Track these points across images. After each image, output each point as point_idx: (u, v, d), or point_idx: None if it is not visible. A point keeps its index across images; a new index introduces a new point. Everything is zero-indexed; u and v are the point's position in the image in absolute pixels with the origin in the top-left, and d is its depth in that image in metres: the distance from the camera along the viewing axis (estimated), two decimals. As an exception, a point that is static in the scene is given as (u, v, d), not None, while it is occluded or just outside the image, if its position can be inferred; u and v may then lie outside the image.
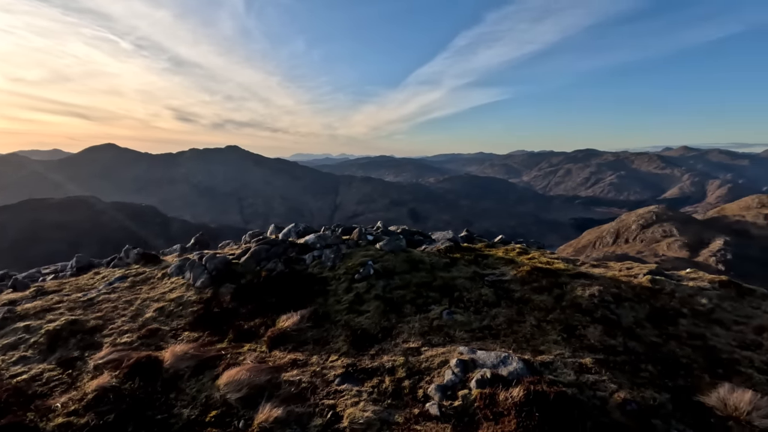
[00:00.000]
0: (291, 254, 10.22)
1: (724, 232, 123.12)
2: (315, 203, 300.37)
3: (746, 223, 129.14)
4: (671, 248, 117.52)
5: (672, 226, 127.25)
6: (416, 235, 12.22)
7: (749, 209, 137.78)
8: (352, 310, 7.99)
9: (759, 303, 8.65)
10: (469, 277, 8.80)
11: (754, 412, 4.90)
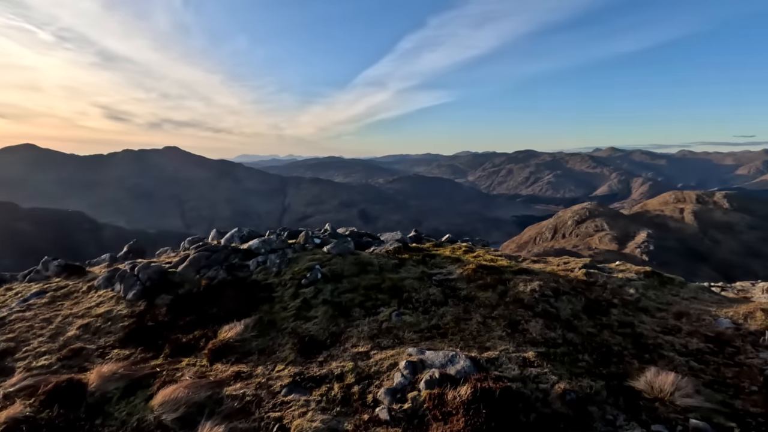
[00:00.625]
0: (234, 261, 9.73)
1: (647, 225, 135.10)
2: (263, 206, 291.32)
3: (665, 216, 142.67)
4: (603, 242, 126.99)
5: (603, 221, 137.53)
6: (365, 237, 12.15)
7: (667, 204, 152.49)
8: (299, 317, 7.75)
9: (677, 290, 9.50)
10: (418, 278, 8.87)
11: (676, 392, 5.31)
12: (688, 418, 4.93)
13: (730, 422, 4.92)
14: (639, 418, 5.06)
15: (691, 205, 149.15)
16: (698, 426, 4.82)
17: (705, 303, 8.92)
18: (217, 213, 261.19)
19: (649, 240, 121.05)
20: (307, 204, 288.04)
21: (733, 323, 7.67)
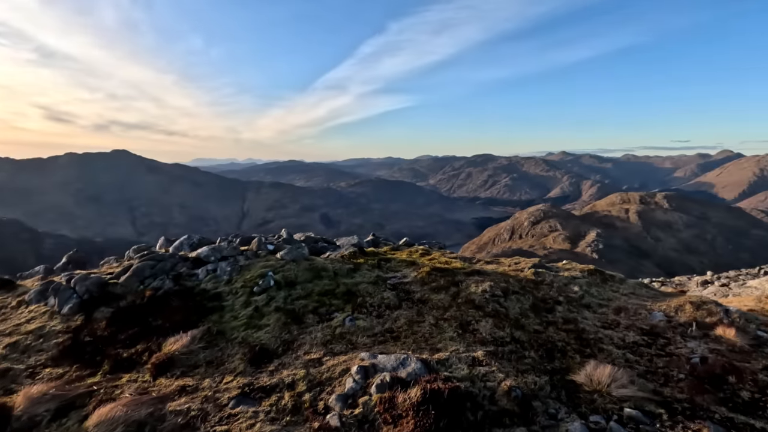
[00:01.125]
0: (181, 269, 9.32)
1: (596, 225, 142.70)
2: (220, 211, 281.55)
3: (612, 217, 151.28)
4: (556, 241, 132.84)
5: (556, 222, 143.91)
6: (320, 242, 12.03)
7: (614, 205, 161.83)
8: (250, 326, 7.54)
9: (617, 287, 10.08)
10: (372, 282, 8.88)
11: (612, 384, 5.62)
12: (623, 408, 5.23)
13: (659, 409, 5.26)
14: (579, 410, 5.31)
15: (635, 206, 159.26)
16: (631, 414, 5.12)
17: (642, 298, 9.53)
18: (171, 219, 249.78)
19: (598, 239, 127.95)
20: (268, 209, 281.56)
21: (666, 316, 8.23)
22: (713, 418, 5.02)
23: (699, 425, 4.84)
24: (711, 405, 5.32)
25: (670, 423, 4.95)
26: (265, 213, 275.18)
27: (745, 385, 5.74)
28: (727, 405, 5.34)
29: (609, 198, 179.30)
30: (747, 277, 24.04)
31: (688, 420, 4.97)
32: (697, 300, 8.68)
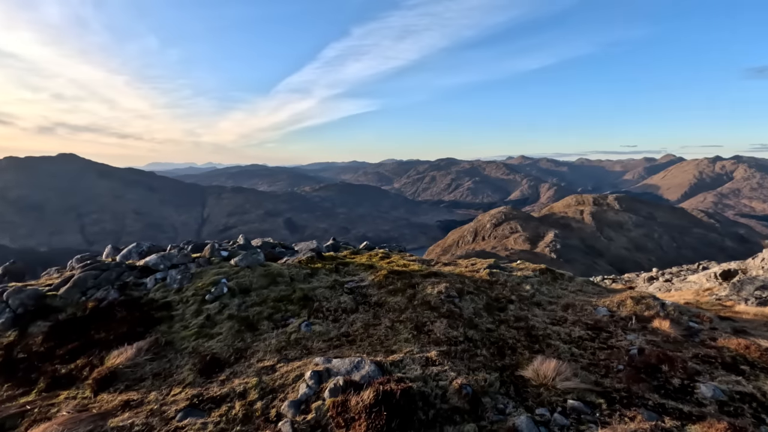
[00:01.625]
0: (128, 279, 8.89)
1: (554, 226, 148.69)
2: (178, 217, 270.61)
3: (568, 218, 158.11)
4: (517, 242, 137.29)
5: (517, 224, 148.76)
6: (278, 248, 11.83)
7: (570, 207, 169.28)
8: (201, 335, 7.30)
9: (566, 285, 10.54)
10: (329, 286, 8.84)
11: (557, 377, 5.87)
12: (567, 399, 5.48)
13: (599, 399, 5.55)
14: (526, 404, 5.51)
15: (589, 207, 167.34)
16: (574, 405, 5.37)
17: (588, 294, 10.02)
18: (124, 226, 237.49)
19: (556, 239, 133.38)
20: (229, 214, 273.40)
21: (609, 311, 8.70)
22: (647, 405, 5.35)
23: (634, 412, 5.14)
24: (646, 393, 5.67)
25: (608, 411, 5.23)
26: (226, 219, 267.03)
27: (676, 372, 6.15)
28: (659, 392, 5.71)
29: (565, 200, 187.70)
30: (688, 273, 25.82)
31: (625, 408, 5.28)
32: (637, 295, 9.24)
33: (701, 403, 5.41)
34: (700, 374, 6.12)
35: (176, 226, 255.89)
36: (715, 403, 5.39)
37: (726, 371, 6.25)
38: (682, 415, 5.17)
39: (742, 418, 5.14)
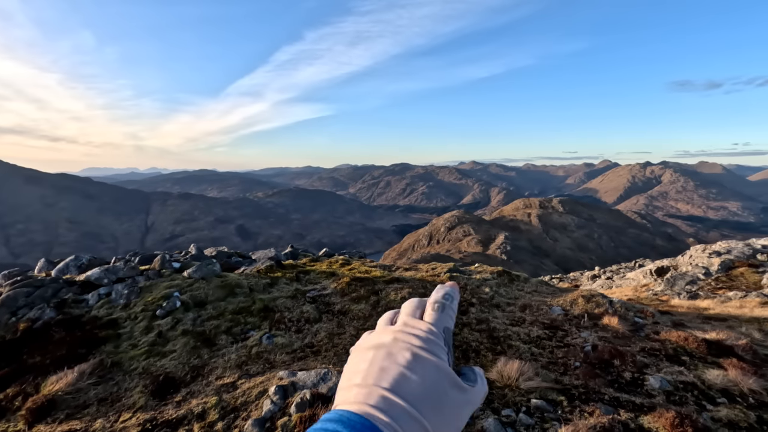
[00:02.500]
0: (66, 296, 8.12)
1: (504, 228, 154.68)
2: (119, 226, 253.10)
3: (517, 221, 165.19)
4: (470, 245, 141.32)
5: (469, 227, 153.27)
6: (234, 257, 11.34)
7: (518, 210, 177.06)
8: (153, 353, 6.81)
9: (523, 286, 10.93)
10: (291, 296, 8.57)
11: (520, 377, 6.04)
12: (530, 399, 5.64)
13: (560, 396, 5.76)
14: (492, 406, 5.61)
15: (536, 210, 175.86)
16: (537, 404, 5.54)
17: (543, 294, 10.44)
18: (56, 237, 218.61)
19: (506, 242, 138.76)
20: (176, 222, 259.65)
21: (563, 310, 9.11)
22: (603, 399, 5.63)
23: (592, 407, 5.38)
24: (601, 387, 5.96)
25: (569, 408, 5.44)
26: (173, 227, 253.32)
27: (627, 366, 6.53)
28: (613, 386, 6.03)
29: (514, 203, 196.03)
30: (626, 270, 27.74)
31: (584, 403, 5.51)
32: (587, 294, 9.75)
33: (651, 394, 5.77)
34: (648, 367, 6.53)
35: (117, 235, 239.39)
36: (663, 393, 5.77)
37: (670, 363, 6.72)
38: (635, 407, 5.48)
39: (687, 405, 5.53)
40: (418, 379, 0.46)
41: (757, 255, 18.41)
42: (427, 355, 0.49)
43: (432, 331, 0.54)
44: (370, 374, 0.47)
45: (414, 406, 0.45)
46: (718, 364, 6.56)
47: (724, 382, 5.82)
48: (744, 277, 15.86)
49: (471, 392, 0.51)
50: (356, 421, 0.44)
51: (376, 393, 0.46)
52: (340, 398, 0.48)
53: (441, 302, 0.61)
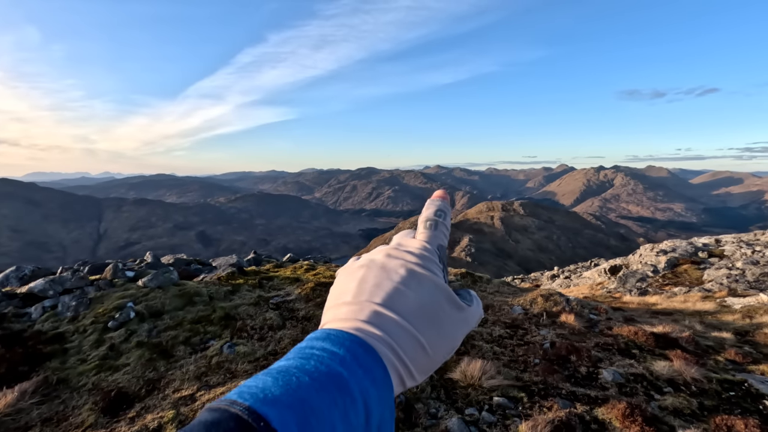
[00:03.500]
0: (6, 309, 7.53)
1: (468, 231, 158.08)
2: (68, 234, 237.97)
3: (481, 223, 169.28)
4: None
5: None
6: (193, 264, 10.93)
7: (482, 213, 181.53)
8: (104, 368, 6.44)
9: (485, 286, 11.19)
10: (253, 303, 8.36)
11: (483, 376, 6.18)
12: (492, 397, 5.78)
13: (521, 393, 5.94)
14: (456, 405, 5.70)
15: (498, 213, 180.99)
16: (499, 402, 5.68)
17: (505, 295, 10.74)
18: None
19: (471, 244, 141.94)
20: (132, 229, 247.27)
21: (524, 309, 9.41)
22: (561, 394, 5.85)
23: (551, 402, 5.58)
24: (559, 383, 6.19)
25: (529, 404, 5.61)
26: (128, 234, 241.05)
27: (583, 361, 6.82)
28: (570, 381, 6.28)
29: (478, 207, 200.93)
30: (583, 270, 29.01)
31: (543, 399, 5.70)
32: (546, 293, 10.12)
33: (604, 387, 6.05)
34: (602, 361, 6.85)
35: (65, 244, 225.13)
36: (615, 385, 6.07)
37: (621, 356, 7.07)
38: (590, 399, 5.73)
39: (637, 396, 5.84)
40: (414, 295, 0.43)
41: (698, 253, 19.77)
42: (423, 270, 0.46)
43: (426, 248, 0.51)
44: (362, 291, 0.44)
45: (409, 320, 0.41)
46: (665, 356, 6.97)
47: (669, 372, 6.19)
48: (687, 273, 16.99)
49: (468, 311, 0.48)
50: (345, 337, 0.40)
51: (368, 308, 0.42)
52: (329, 317, 0.44)
53: (433, 220, 0.57)
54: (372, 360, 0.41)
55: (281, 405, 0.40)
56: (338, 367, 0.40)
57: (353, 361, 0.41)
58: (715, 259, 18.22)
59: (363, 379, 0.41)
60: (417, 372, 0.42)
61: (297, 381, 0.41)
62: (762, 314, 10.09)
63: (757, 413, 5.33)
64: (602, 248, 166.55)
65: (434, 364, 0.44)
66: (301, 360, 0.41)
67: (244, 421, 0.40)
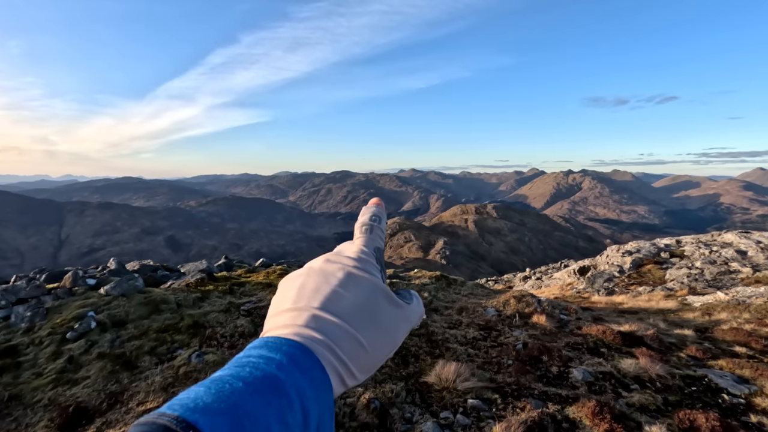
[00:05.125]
0: (-48, 322, 7.02)
1: (443, 234, 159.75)
2: (26, 240, 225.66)
3: (455, 226, 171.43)
4: (411, 251, 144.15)
5: (410, 233, 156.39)
6: (160, 271, 10.52)
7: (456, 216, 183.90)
8: (62, 381, 6.09)
9: (459, 289, 11.28)
10: (224, 310, 8.11)
11: (457, 379, 6.19)
12: (467, 400, 5.80)
13: (495, 395, 5.98)
14: (431, 409, 5.68)
15: (472, 216, 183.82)
16: (474, 404, 5.70)
17: (478, 297, 10.86)
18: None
19: (445, 246, 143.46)
20: (95, 234, 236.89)
21: (497, 311, 9.53)
22: (533, 394, 5.93)
23: (524, 402, 5.64)
24: (532, 383, 6.28)
25: (502, 405, 5.66)
26: (92, 239, 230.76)
27: (554, 361, 6.95)
28: (542, 381, 6.38)
29: (452, 210, 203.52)
30: (553, 271, 29.76)
31: (516, 399, 5.76)
32: (518, 294, 10.29)
33: (575, 386, 6.18)
34: (572, 360, 7.00)
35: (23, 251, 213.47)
36: (585, 384, 6.20)
37: (591, 355, 7.25)
38: (562, 399, 5.84)
39: (606, 394, 5.99)
40: (351, 296, 0.43)
41: (661, 253, 20.63)
42: (361, 272, 0.47)
43: (363, 250, 0.52)
44: (301, 297, 0.43)
45: (347, 320, 0.41)
46: (631, 354, 7.19)
47: (636, 369, 6.38)
48: (651, 273, 17.69)
49: (407, 309, 0.49)
50: (282, 342, 0.40)
51: (306, 313, 0.42)
52: (269, 326, 0.43)
53: (368, 224, 0.60)
54: (310, 361, 0.41)
55: (212, 411, 0.40)
56: (274, 371, 0.41)
57: (290, 363, 0.41)
58: (676, 259, 19.06)
59: (300, 380, 0.41)
60: (357, 371, 0.42)
61: (230, 387, 0.41)
62: (720, 311, 10.59)
63: (717, 407, 5.56)
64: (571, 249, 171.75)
65: (376, 361, 0.44)
66: (236, 368, 0.41)
67: (173, 431, 0.40)
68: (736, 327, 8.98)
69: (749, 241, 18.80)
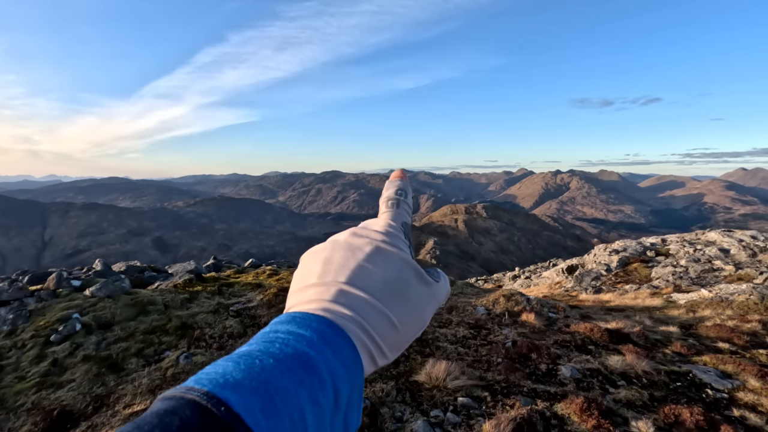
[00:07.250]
0: (-69, 325, 6.84)
1: (433, 234, 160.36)
2: (8, 242, 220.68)
3: (445, 226, 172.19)
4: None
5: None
6: (147, 272, 10.37)
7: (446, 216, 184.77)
8: (46, 385, 5.97)
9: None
10: (212, 311, 8.03)
11: (447, 377, 6.22)
12: (457, 398, 5.83)
13: (484, 392, 6.02)
14: (421, 408, 5.70)
15: (462, 216, 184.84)
16: (464, 402, 5.74)
17: (468, 296, 10.92)
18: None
19: (436, 246, 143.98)
20: (80, 235, 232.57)
21: (487, 310, 9.59)
22: (522, 392, 5.98)
23: (513, 400, 5.69)
24: (521, 380, 6.34)
25: (492, 403, 5.70)
26: (76, 241, 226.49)
27: (543, 358, 7.02)
28: (531, 378, 6.44)
29: (442, 210, 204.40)
30: (542, 270, 30.05)
31: (505, 397, 5.81)
32: (508, 293, 10.37)
33: (563, 383, 6.25)
34: (560, 357, 7.08)
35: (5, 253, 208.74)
36: (573, 381, 6.28)
37: (579, 352, 7.34)
38: (550, 396, 5.90)
39: (593, 390, 6.07)
40: (381, 271, 0.41)
41: (647, 252, 20.98)
42: (389, 247, 0.44)
43: (391, 224, 0.51)
44: (328, 271, 0.41)
45: (377, 297, 0.39)
46: (618, 351, 7.30)
47: (622, 366, 6.47)
48: (637, 271, 17.98)
49: (436, 287, 0.47)
50: (312, 318, 0.37)
51: (334, 288, 0.39)
52: (293, 301, 0.42)
53: (395, 198, 0.59)
54: (341, 339, 0.38)
55: (243, 389, 0.37)
56: (305, 348, 0.37)
57: (321, 341, 0.38)
58: (661, 258, 19.40)
59: (331, 359, 0.38)
60: (388, 349, 0.40)
61: (260, 364, 0.37)
62: (703, 308, 10.81)
63: (701, 401, 5.67)
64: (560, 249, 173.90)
65: (405, 340, 0.42)
66: (264, 344, 0.37)
67: (203, 407, 0.36)
68: (719, 323, 9.17)
69: (732, 240, 19.23)
